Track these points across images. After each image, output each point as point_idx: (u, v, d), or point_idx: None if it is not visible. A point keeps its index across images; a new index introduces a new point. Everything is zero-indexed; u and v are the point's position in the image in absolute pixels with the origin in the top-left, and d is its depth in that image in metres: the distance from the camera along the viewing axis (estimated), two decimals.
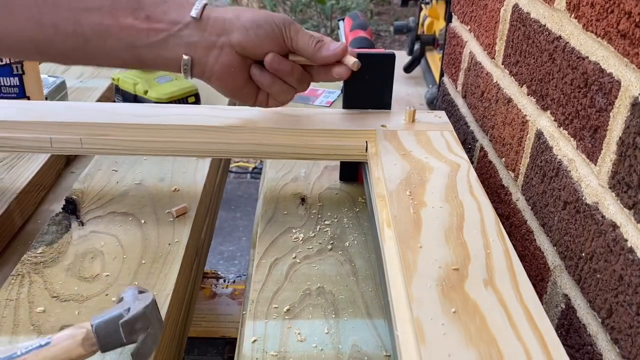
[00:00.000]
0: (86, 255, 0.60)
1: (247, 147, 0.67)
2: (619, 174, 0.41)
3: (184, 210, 0.67)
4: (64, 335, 0.41)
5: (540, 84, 0.55)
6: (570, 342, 0.47)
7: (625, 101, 0.40)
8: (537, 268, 0.55)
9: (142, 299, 0.44)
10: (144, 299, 0.44)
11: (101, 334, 0.41)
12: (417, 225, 0.49)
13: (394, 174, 0.57)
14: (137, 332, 0.42)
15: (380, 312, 0.55)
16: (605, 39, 0.43)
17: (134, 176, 0.74)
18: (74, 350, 0.40)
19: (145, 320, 0.43)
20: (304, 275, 0.59)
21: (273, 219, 0.68)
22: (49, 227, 0.64)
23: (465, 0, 0.79)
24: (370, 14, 4.12)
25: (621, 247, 0.40)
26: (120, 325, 0.41)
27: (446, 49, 0.89)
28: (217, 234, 1.92)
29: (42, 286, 0.55)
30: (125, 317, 0.42)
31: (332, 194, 0.74)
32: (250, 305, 0.55)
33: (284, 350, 0.50)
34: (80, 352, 0.40)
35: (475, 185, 0.56)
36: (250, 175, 2.36)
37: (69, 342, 0.40)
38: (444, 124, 0.70)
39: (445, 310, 0.40)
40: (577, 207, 0.47)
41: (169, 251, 0.61)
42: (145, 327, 0.42)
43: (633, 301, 0.39)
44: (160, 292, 0.55)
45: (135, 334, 0.42)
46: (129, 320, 0.42)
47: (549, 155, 0.53)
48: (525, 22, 0.58)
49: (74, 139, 0.66)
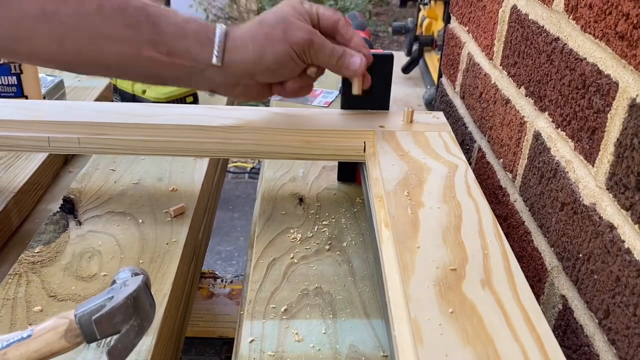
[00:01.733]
0: (84, 254, 0.60)
1: (245, 147, 0.67)
2: (616, 175, 0.41)
3: (181, 210, 0.67)
4: (46, 326, 0.38)
5: (538, 85, 0.55)
6: (567, 343, 0.48)
7: (622, 102, 0.40)
8: (534, 269, 0.55)
9: (130, 284, 0.40)
10: (132, 284, 0.40)
11: (85, 325, 0.38)
12: (414, 226, 0.50)
13: (392, 174, 0.58)
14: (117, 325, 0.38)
15: (377, 312, 0.55)
16: (603, 40, 0.43)
17: (132, 176, 0.74)
18: (56, 343, 0.38)
19: (126, 312, 0.38)
20: (302, 276, 0.59)
21: (271, 219, 0.68)
22: (46, 226, 0.64)
23: (464, 2, 0.79)
24: (368, 14, 4.12)
25: (618, 248, 0.40)
26: (94, 323, 0.38)
27: (444, 50, 0.90)
28: (215, 234, 1.92)
29: (39, 285, 0.55)
30: (100, 313, 0.38)
31: (330, 194, 0.74)
32: (248, 305, 0.55)
33: (281, 350, 0.50)
34: (63, 345, 0.38)
35: (473, 186, 0.56)
36: (248, 176, 2.36)
37: (51, 335, 0.38)
38: (442, 124, 0.70)
39: (443, 310, 0.40)
40: (574, 208, 0.47)
41: (166, 251, 0.61)
42: (126, 319, 0.38)
43: (630, 302, 0.39)
44: (158, 292, 0.55)
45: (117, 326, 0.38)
46: (104, 315, 0.38)
47: (546, 156, 0.53)
48: (523, 23, 0.58)
49: (72, 138, 0.66)
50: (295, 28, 0.59)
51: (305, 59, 0.61)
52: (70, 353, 0.48)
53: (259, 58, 0.59)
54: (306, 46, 0.60)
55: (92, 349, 0.49)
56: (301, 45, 0.60)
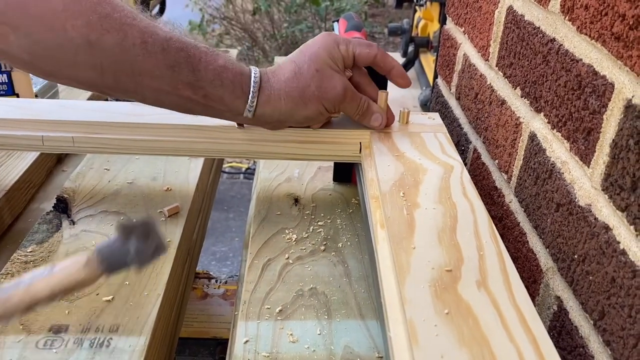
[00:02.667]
0: (77, 254, 0.59)
1: (241, 147, 0.67)
2: (612, 176, 0.41)
3: (176, 210, 0.67)
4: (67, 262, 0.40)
5: (534, 86, 0.55)
6: (562, 344, 0.47)
7: (618, 103, 0.40)
8: (529, 270, 0.55)
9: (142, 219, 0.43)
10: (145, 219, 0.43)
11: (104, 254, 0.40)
12: (410, 227, 0.49)
13: (388, 175, 0.57)
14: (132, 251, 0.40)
15: (372, 313, 0.54)
16: (599, 41, 0.43)
17: (126, 175, 0.74)
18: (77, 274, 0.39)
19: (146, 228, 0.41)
20: (297, 276, 0.59)
21: (266, 220, 0.67)
22: (39, 225, 0.64)
23: (460, 3, 0.79)
24: (364, 15, 4.13)
25: (614, 250, 0.40)
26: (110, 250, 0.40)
27: (440, 51, 0.90)
28: (210, 235, 1.92)
29: None
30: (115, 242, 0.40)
31: (325, 194, 0.74)
32: (243, 306, 0.54)
33: (276, 351, 0.49)
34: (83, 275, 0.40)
35: (468, 187, 0.56)
36: (244, 176, 2.35)
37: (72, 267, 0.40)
38: (437, 125, 0.70)
39: (438, 311, 0.40)
40: (570, 209, 0.47)
41: None
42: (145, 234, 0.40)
43: (625, 303, 0.39)
44: (152, 292, 0.55)
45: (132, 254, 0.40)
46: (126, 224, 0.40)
47: (542, 157, 0.53)
48: (519, 24, 0.58)
49: (66, 137, 0.65)
50: (329, 83, 0.61)
51: (333, 111, 0.63)
52: (63, 353, 0.47)
53: (290, 115, 0.61)
54: (337, 102, 0.62)
55: (85, 349, 0.48)
56: (333, 102, 0.61)
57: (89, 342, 0.49)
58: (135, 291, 0.55)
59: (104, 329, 0.50)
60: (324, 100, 0.61)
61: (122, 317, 0.52)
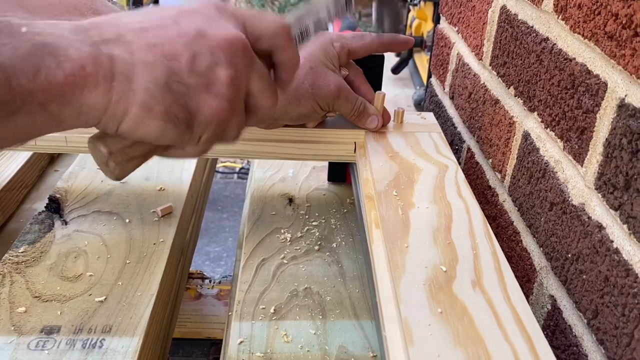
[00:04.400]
0: (69, 254, 0.59)
1: (235, 146, 0.66)
2: (605, 175, 0.41)
3: (169, 210, 0.66)
4: None
5: (527, 86, 0.55)
6: (556, 342, 0.48)
7: (611, 102, 0.40)
8: (523, 269, 0.55)
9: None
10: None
11: None
12: (405, 226, 0.49)
13: (382, 174, 0.57)
14: None
15: (367, 313, 0.54)
16: (592, 40, 0.43)
17: None
18: None
19: None
20: (291, 276, 0.58)
21: (260, 219, 0.67)
22: (31, 226, 0.63)
23: (453, 2, 0.79)
24: (358, 15, 4.13)
25: (607, 248, 0.41)
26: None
27: (434, 50, 0.90)
28: (204, 235, 1.91)
29: (23, 286, 0.54)
30: None
31: (320, 194, 0.74)
32: (237, 306, 0.54)
33: (270, 351, 0.49)
34: None
35: (463, 187, 0.56)
36: (237, 176, 2.35)
37: None
38: (432, 125, 0.70)
39: (433, 311, 0.40)
40: (563, 208, 0.47)
41: (154, 251, 0.60)
42: None
43: (618, 302, 0.39)
44: (145, 292, 0.54)
45: None
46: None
47: (535, 157, 0.53)
48: (513, 23, 0.58)
49: (59, 137, 0.65)
50: (323, 81, 0.60)
51: (328, 110, 0.63)
52: (55, 355, 0.47)
53: (284, 112, 0.61)
54: (331, 100, 0.61)
55: (78, 350, 0.48)
56: (326, 100, 0.61)
57: (81, 343, 0.49)
58: (128, 291, 0.54)
59: (96, 330, 0.50)
60: (317, 97, 0.61)
61: (115, 317, 0.51)
